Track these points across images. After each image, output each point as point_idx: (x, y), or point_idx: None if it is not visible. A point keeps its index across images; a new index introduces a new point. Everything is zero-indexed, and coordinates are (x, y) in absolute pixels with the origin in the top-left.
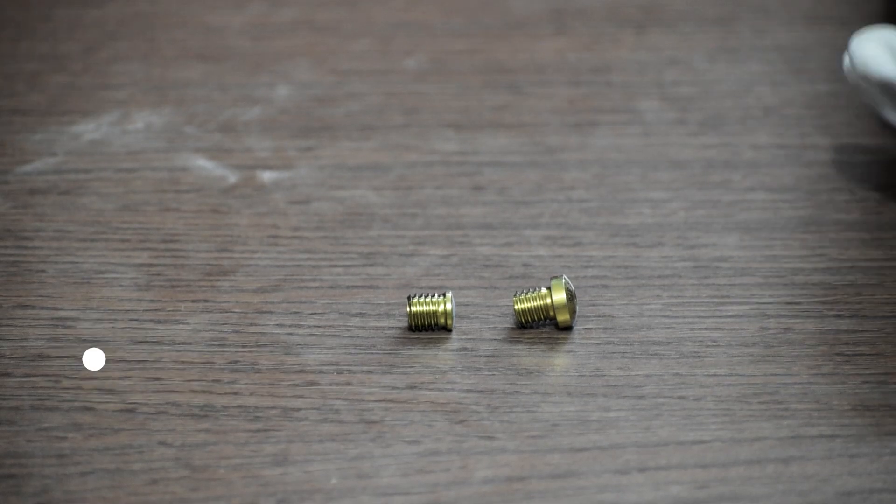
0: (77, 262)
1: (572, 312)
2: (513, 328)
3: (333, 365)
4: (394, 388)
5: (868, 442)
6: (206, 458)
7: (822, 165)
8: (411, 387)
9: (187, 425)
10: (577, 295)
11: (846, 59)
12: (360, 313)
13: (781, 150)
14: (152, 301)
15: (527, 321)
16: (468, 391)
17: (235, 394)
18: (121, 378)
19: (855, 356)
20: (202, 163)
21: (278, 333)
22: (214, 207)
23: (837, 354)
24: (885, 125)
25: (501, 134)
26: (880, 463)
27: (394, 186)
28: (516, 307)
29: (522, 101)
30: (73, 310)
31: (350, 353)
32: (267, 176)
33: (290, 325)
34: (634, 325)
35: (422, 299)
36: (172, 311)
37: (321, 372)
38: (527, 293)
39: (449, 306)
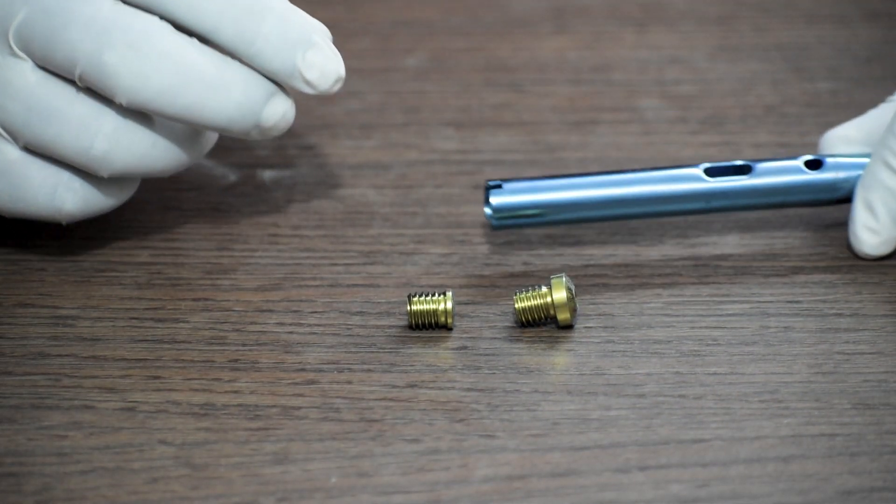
0: (77, 261)
1: (573, 311)
2: (513, 327)
3: (334, 363)
4: (394, 386)
5: (868, 440)
6: (207, 457)
7: None
8: (411, 385)
9: (187, 424)
10: (577, 293)
11: None
12: (361, 312)
13: (782, 149)
14: (152, 299)
15: (527, 320)
16: (468, 390)
17: (236, 392)
18: (121, 376)
19: (855, 355)
20: (202, 161)
21: (278, 332)
22: (215, 206)
23: (837, 353)
24: None
25: (502, 132)
26: (881, 461)
27: (394, 185)
28: (516, 306)
29: (523, 100)
30: (73, 308)
31: (350, 352)
32: (267, 174)
33: (291, 324)
34: (635, 324)
35: (422, 298)
36: (173, 309)
37: (321, 370)
38: (527, 292)
39: (449, 305)
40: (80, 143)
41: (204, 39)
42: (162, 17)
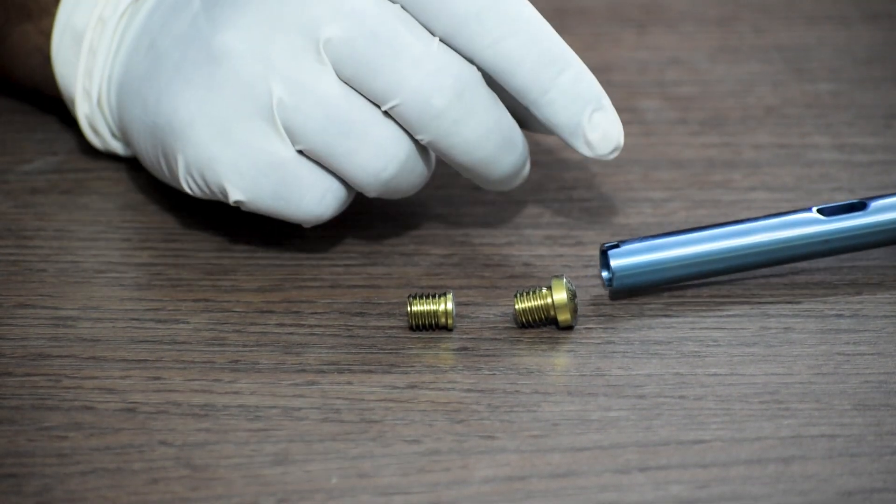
0: (78, 262)
1: (573, 312)
2: (513, 327)
3: (334, 364)
4: (394, 387)
5: (869, 441)
6: (207, 458)
7: (822, 165)
8: (412, 386)
9: (188, 424)
10: (577, 294)
11: None
12: (361, 313)
13: (782, 150)
14: (153, 300)
15: (527, 321)
16: (469, 390)
17: (236, 393)
18: (121, 377)
19: (855, 356)
20: None
21: (279, 333)
22: (215, 207)
23: (838, 354)
24: (885, 125)
25: None
26: (881, 462)
27: None
28: (517, 306)
29: None
30: (73, 309)
31: (351, 353)
32: None
33: (291, 325)
34: (635, 325)
35: (422, 299)
36: (173, 310)
37: (322, 371)
38: (527, 293)
39: (449, 305)
40: (375, 164)
41: (491, 80)
42: (470, 60)
